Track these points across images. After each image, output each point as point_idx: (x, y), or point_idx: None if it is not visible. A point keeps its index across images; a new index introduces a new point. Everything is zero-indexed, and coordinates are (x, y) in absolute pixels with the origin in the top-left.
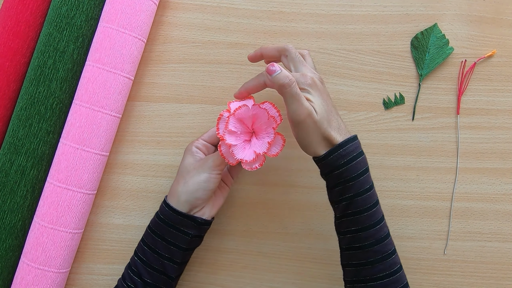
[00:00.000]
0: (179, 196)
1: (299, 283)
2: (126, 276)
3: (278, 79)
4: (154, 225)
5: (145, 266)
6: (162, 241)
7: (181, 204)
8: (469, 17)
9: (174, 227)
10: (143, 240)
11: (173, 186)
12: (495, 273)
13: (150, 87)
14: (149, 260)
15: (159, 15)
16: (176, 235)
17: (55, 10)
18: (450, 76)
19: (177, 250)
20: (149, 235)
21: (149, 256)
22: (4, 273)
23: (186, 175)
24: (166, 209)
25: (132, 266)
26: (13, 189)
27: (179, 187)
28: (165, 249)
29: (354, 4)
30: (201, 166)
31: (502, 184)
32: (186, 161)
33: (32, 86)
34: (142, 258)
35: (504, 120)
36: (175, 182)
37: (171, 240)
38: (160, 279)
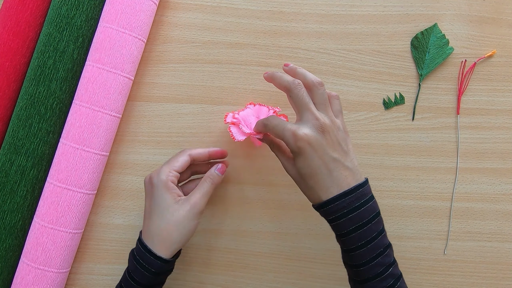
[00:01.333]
0: (171, 248)
1: (299, 283)
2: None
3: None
4: (144, 279)
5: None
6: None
7: (172, 253)
8: (469, 17)
9: (164, 272)
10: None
11: (161, 235)
12: (495, 273)
13: (150, 87)
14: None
15: (159, 15)
16: (163, 278)
17: (55, 10)
18: (450, 76)
19: (159, 287)
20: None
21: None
22: (4, 273)
23: (179, 225)
24: (159, 263)
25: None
26: (13, 189)
27: (172, 238)
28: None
29: (354, 4)
30: (190, 213)
31: (502, 184)
32: (168, 204)
33: (32, 86)
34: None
35: (504, 120)
36: (162, 231)
37: (156, 283)
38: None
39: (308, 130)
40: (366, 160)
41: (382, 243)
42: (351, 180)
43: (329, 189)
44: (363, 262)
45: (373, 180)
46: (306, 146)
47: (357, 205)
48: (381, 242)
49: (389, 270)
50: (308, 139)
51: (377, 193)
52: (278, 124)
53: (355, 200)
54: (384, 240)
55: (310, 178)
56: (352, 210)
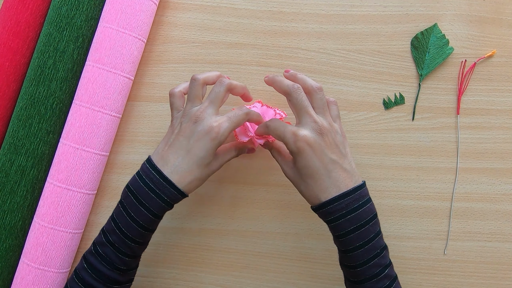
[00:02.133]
0: (191, 181)
1: (299, 283)
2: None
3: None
4: (155, 206)
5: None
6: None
7: (187, 186)
8: (469, 17)
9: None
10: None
11: (190, 168)
12: (495, 273)
13: (150, 87)
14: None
15: (159, 15)
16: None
17: (55, 10)
18: (450, 76)
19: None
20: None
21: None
22: (4, 273)
23: (203, 173)
24: (175, 193)
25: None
26: (13, 189)
27: (194, 173)
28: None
29: (354, 4)
30: (215, 170)
31: (502, 184)
32: (210, 157)
33: (32, 86)
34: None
35: (504, 120)
36: (189, 162)
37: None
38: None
39: (308, 132)
40: (366, 160)
41: (379, 245)
42: (349, 182)
43: (327, 189)
44: (360, 263)
45: (373, 180)
46: (306, 147)
47: (356, 206)
48: (378, 243)
49: (385, 271)
50: (307, 140)
51: (377, 193)
52: (279, 125)
53: (354, 201)
54: (381, 241)
55: (309, 178)
56: (350, 211)
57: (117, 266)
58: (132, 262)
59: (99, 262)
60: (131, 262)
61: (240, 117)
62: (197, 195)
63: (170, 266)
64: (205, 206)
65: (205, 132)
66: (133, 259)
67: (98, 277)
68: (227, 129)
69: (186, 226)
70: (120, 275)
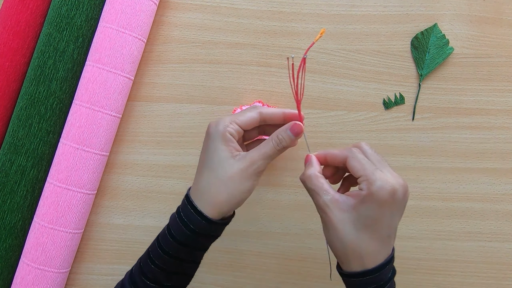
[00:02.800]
0: (221, 208)
1: (299, 283)
2: (139, 283)
3: (303, 176)
4: (181, 235)
5: (165, 273)
6: (187, 248)
7: (222, 215)
8: (469, 17)
9: (208, 235)
10: (162, 248)
11: (210, 194)
12: (495, 273)
13: (150, 87)
14: (170, 267)
15: (159, 15)
16: (206, 241)
17: (55, 10)
18: (450, 76)
19: (201, 252)
20: (171, 244)
21: (169, 264)
22: (4, 273)
23: (228, 182)
24: (200, 219)
25: (148, 273)
26: (13, 189)
27: (220, 196)
28: (189, 255)
29: (354, 4)
30: (245, 171)
31: (502, 184)
32: (223, 158)
33: (32, 86)
34: (161, 265)
35: (504, 120)
36: (212, 188)
37: (198, 246)
38: (180, 279)
39: (397, 185)
40: None
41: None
42: (388, 254)
43: (377, 254)
44: None
45: None
46: (390, 198)
47: (390, 276)
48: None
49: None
50: (396, 192)
51: None
52: (365, 161)
53: (389, 271)
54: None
55: (366, 232)
56: (387, 281)
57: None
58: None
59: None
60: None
61: (247, 112)
62: None
63: None
64: None
65: (207, 135)
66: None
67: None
68: (227, 120)
69: None
70: None
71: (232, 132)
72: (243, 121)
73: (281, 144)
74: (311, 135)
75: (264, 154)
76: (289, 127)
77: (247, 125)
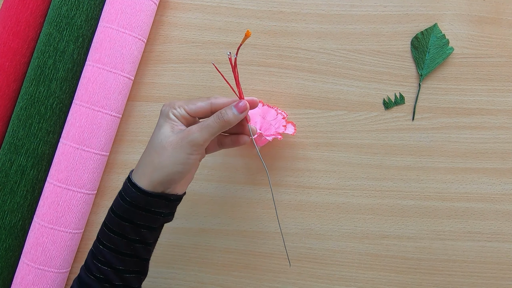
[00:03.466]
0: (151, 176)
1: (299, 283)
2: (91, 267)
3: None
4: (119, 208)
5: (115, 253)
6: (130, 225)
7: (153, 185)
8: (469, 17)
9: (144, 209)
10: (107, 226)
11: (144, 163)
12: (495, 273)
13: (150, 87)
14: (118, 247)
15: (159, 15)
16: (147, 217)
17: (55, 10)
18: (450, 76)
19: (148, 231)
20: (113, 220)
21: (117, 242)
22: (4, 273)
23: (161, 151)
24: (133, 190)
25: (98, 255)
26: (13, 189)
27: (151, 165)
28: (134, 233)
29: (354, 4)
30: (180, 142)
31: (502, 184)
32: (162, 131)
33: (32, 86)
34: (109, 245)
35: (504, 120)
36: (146, 157)
37: (141, 223)
38: (132, 263)
39: None
40: (366, 160)
41: None
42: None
43: None
44: None
45: (373, 180)
46: None
47: None
48: None
49: None
50: None
51: (377, 193)
52: None
53: None
54: None
55: None
56: None
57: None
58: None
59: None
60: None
61: (199, 101)
62: (197, 195)
63: (170, 266)
64: (205, 206)
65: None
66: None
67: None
68: (177, 103)
69: (186, 226)
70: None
71: (177, 115)
72: (192, 108)
73: (222, 117)
74: (311, 135)
75: (203, 125)
76: (234, 103)
77: (196, 113)
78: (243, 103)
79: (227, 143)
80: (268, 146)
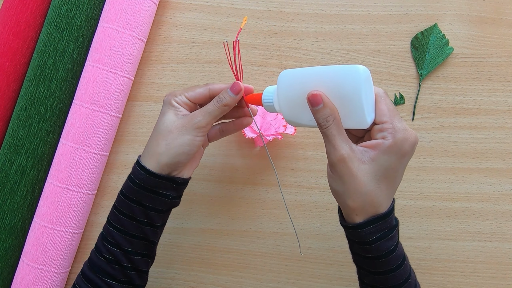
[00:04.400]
0: (159, 158)
1: (299, 283)
2: (101, 248)
3: (317, 116)
4: (129, 190)
5: (123, 235)
6: (139, 207)
7: (161, 167)
8: (469, 17)
9: (152, 190)
10: (117, 208)
11: (151, 146)
12: (495, 273)
13: (150, 87)
14: (127, 228)
15: (159, 15)
16: (155, 199)
17: (55, 10)
18: (450, 76)
19: (156, 214)
20: (123, 202)
21: (126, 224)
22: (4, 273)
23: (167, 134)
24: (142, 172)
25: (108, 237)
26: (13, 189)
27: (158, 148)
28: (143, 215)
29: (354, 4)
30: (185, 126)
31: (502, 184)
32: (167, 117)
33: (32, 86)
34: (119, 227)
35: (504, 120)
36: (153, 141)
37: (149, 205)
38: (141, 245)
39: (417, 137)
40: None
41: (407, 260)
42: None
43: (387, 200)
44: (403, 281)
45: None
46: (410, 147)
47: (395, 223)
48: (407, 258)
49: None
50: (414, 141)
51: None
52: (392, 109)
53: (393, 218)
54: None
55: (384, 183)
56: (393, 228)
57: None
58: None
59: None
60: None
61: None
62: (197, 195)
63: (170, 266)
64: (205, 206)
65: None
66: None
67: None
68: (178, 92)
69: (186, 226)
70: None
71: (179, 102)
72: (192, 95)
73: (221, 101)
74: (311, 135)
75: (204, 110)
76: (229, 87)
77: (196, 99)
78: (237, 85)
79: (230, 129)
80: (268, 146)
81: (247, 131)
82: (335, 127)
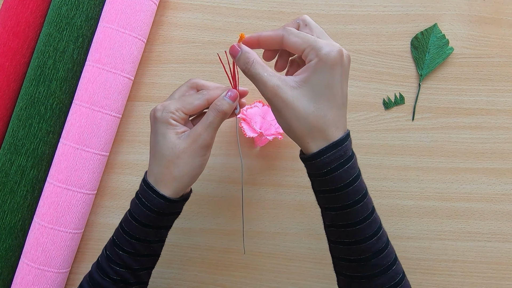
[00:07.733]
0: (175, 185)
1: (299, 283)
2: (107, 270)
3: (239, 64)
4: (145, 218)
5: (134, 257)
6: (154, 230)
7: (177, 192)
8: (469, 17)
9: (170, 213)
10: (128, 233)
11: (164, 174)
12: (495, 273)
13: (150, 87)
14: (139, 250)
15: (159, 15)
16: (170, 219)
17: (55, 10)
18: (450, 76)
19: (166, 230)
20: (137, 228)
21: (138, 247)
22: (4, 273)
23: (176, 160)
24: (162, 201)
25: (117, 260)
26: (13, 189)
27: (171, 176)
28: (156, 235)
29: (354, 4)
30: (191, 147)
31: (502, 184)
32: (168, 140)
33: (32, 86)
34: (130, 250)
35: (504, 120)
36: (163, 169)
37: (163, 225)
38: (149, 261)
39: (342, 48)
40: (366, 160)
41: (370, 200)
42: (345, 126)
43: (338, 124)
44: (362, 218)
45: (373, 180)
46: (339, 61)
47: (351, 154)
48: (370, 199)
49: (382, 228)
50: (342, 54)
51: (377, 193)
52: (306, 34)
53: (349, 149)
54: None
55: (324, 101)
56: (349, 158)
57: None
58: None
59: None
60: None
61: (194, 100)
62: (197, 195)
63: (170, 266)
64: (205, 206)
65: (152, 118)
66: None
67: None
68: (172, 107)
69: (186, 226)
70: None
71: (177, 119)
72: (190, 109)
73: (220, 110)
74: None
75: (205, 124)
76: (225, 94)
77: (193, 113)
78: (233, 92)
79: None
80: (268, 146)
81: (247, 130)
82: (257, 65)
